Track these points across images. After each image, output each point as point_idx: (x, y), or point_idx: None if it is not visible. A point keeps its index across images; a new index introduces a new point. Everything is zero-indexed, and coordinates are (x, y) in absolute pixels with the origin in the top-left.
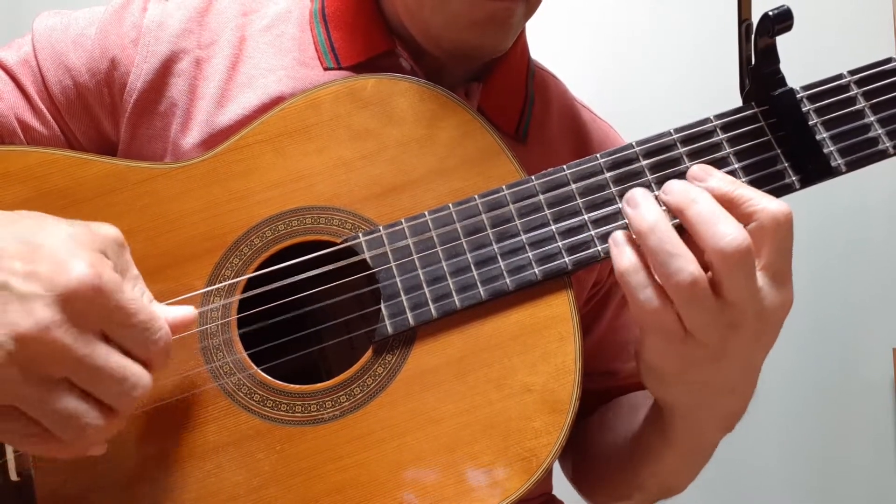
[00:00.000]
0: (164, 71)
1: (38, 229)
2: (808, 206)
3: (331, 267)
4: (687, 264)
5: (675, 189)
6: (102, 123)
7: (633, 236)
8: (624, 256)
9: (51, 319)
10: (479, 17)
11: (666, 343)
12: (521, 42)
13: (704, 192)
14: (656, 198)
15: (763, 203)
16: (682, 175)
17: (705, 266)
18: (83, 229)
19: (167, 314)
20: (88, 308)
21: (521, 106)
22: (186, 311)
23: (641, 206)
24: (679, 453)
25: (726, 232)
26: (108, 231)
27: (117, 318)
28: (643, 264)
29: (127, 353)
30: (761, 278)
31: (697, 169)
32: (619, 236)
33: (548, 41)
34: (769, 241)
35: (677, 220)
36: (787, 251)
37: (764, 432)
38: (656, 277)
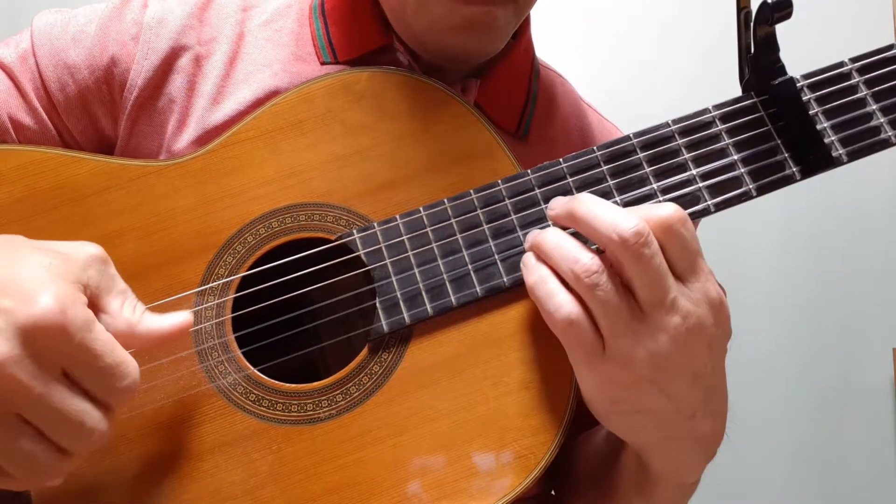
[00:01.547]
0: (165, 68)
1: (11, 258)
2: (808, 205)
3: (325, 265)
4: (584, 253)
5: (558, 201)
6: (101, 122)
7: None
8: (532, 274)
9: (8, 354)
10: (459, 22)
11: (588, 366)
12: (524, 40)
13: (585, 192)
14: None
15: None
16: (680, 167)
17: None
18: (59, 259)
19: (163, 322)
20: (51, 346)
21: (522, 104)
22: (183, 318)
23: (533, 231)
24: (662, 490)
25: (620, 219)
26: (87, 251)
27: (81, 359)
28: (554, 275)
29: (89, 395)
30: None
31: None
32: (528, 258)
33: (546, 37)
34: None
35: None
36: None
37: (764, 432)
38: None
